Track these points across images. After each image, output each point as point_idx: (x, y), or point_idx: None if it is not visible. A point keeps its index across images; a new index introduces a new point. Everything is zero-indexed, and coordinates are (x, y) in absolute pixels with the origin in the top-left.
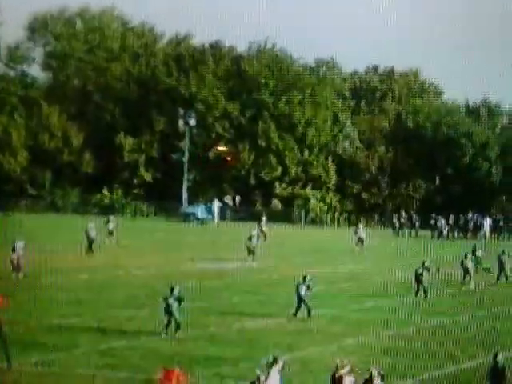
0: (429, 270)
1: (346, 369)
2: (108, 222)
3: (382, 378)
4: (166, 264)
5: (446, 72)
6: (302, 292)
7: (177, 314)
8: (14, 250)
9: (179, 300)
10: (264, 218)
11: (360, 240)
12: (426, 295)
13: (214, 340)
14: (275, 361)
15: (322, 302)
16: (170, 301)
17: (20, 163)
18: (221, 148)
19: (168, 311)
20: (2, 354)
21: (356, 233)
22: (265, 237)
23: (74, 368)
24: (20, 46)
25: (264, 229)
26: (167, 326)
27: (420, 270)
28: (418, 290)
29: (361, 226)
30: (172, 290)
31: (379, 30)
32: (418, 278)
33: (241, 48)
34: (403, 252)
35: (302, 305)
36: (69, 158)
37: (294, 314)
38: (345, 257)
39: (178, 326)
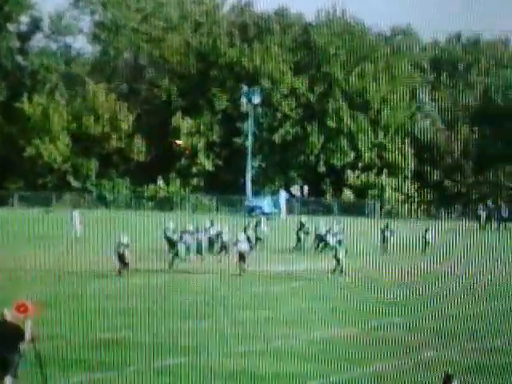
0: None
1: None
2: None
3: None
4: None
5: None
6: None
7: None
8: None
9: None
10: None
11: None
12: None
13: (281, 354)
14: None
15: (398, 309)
16: None
17: (61, 151)
18: (178, 141)
19: None
20: (37, 374)
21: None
22: None
23: None
24: (64, 15)
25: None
26: None
27: None
28: None
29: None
30: None
31: None
32: None
33: (309, 16)
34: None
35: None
36: (117, 145)
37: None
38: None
39: None
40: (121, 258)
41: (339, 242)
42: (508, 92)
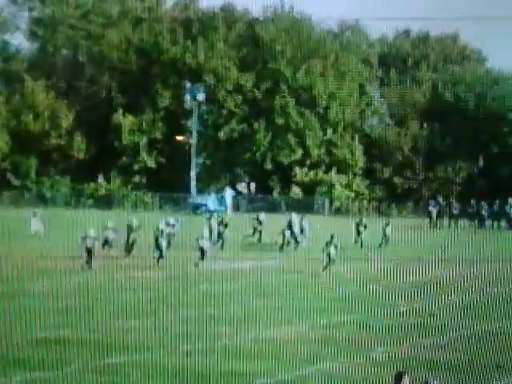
0: None
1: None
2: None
3: None
4: (175, 265)
5: (490, 35)
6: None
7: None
8: None
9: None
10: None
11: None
12: None
13: (227, 353)
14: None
15: (350, 307)
16: None
17: (1, 149)
18: (179, 137)
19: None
20: None
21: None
22: None
23: None
24: (1, 12)
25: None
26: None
27: None
28: None
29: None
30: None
31: None
32: None
33: (255, 12)
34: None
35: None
36: (57, 142)
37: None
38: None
39: None
40: (89, 251)
41: (331, 237)
42: (455, 88)
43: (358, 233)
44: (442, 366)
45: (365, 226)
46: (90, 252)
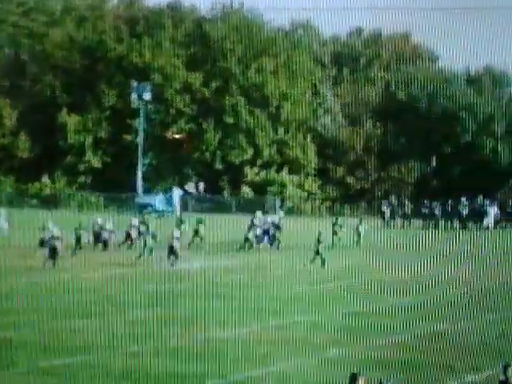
0: None
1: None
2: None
3: None
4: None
5: (442, 35)
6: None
7: None
8: None
9: None
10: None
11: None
12: None
13: (175, 354)
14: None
15: (302, 306)
16: None
17: None
18: (176, 136)
19: None
20: None
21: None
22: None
23: None
24: None
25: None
26: None
27: None
28: None
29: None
30: None
31: None
32: None
33: (203, 9)
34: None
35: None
36: (1, 141)
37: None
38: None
39: None
40: (53, 250)
41: (319, 234)
42: (408, 87)
43: (335, 233)
44: (395, 365)
45: (340, 226)
46: (53, 251)
